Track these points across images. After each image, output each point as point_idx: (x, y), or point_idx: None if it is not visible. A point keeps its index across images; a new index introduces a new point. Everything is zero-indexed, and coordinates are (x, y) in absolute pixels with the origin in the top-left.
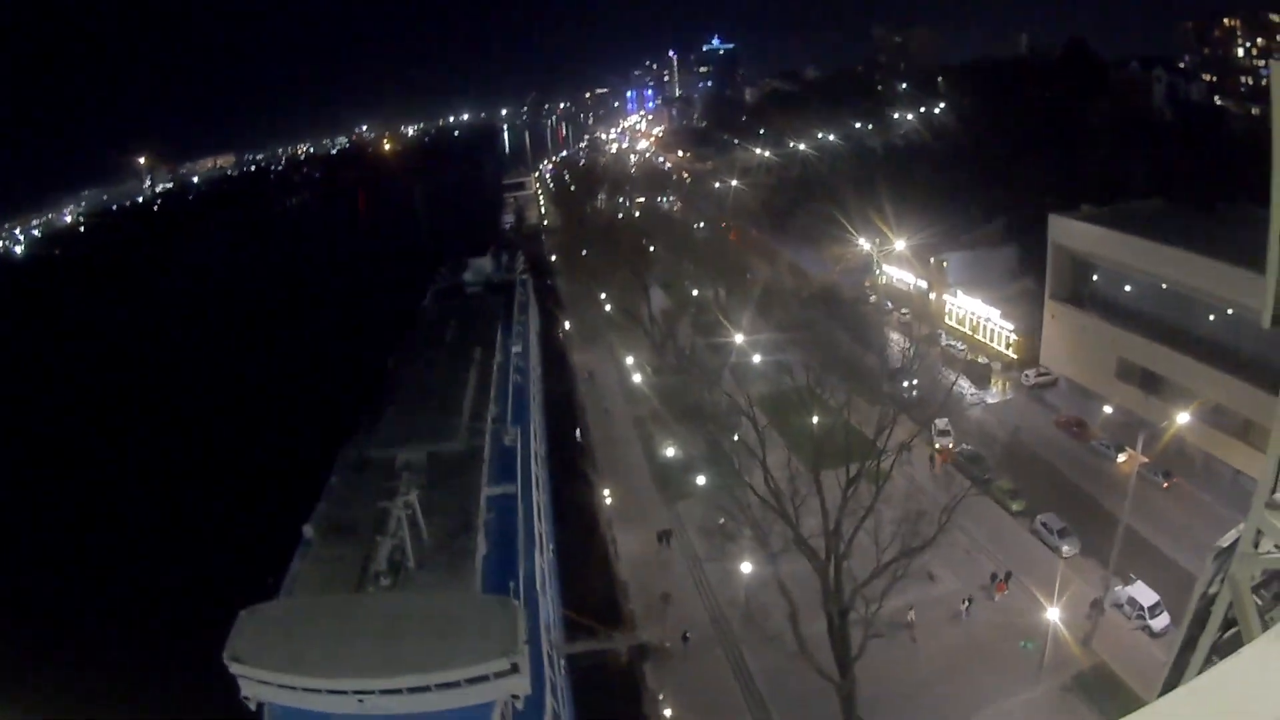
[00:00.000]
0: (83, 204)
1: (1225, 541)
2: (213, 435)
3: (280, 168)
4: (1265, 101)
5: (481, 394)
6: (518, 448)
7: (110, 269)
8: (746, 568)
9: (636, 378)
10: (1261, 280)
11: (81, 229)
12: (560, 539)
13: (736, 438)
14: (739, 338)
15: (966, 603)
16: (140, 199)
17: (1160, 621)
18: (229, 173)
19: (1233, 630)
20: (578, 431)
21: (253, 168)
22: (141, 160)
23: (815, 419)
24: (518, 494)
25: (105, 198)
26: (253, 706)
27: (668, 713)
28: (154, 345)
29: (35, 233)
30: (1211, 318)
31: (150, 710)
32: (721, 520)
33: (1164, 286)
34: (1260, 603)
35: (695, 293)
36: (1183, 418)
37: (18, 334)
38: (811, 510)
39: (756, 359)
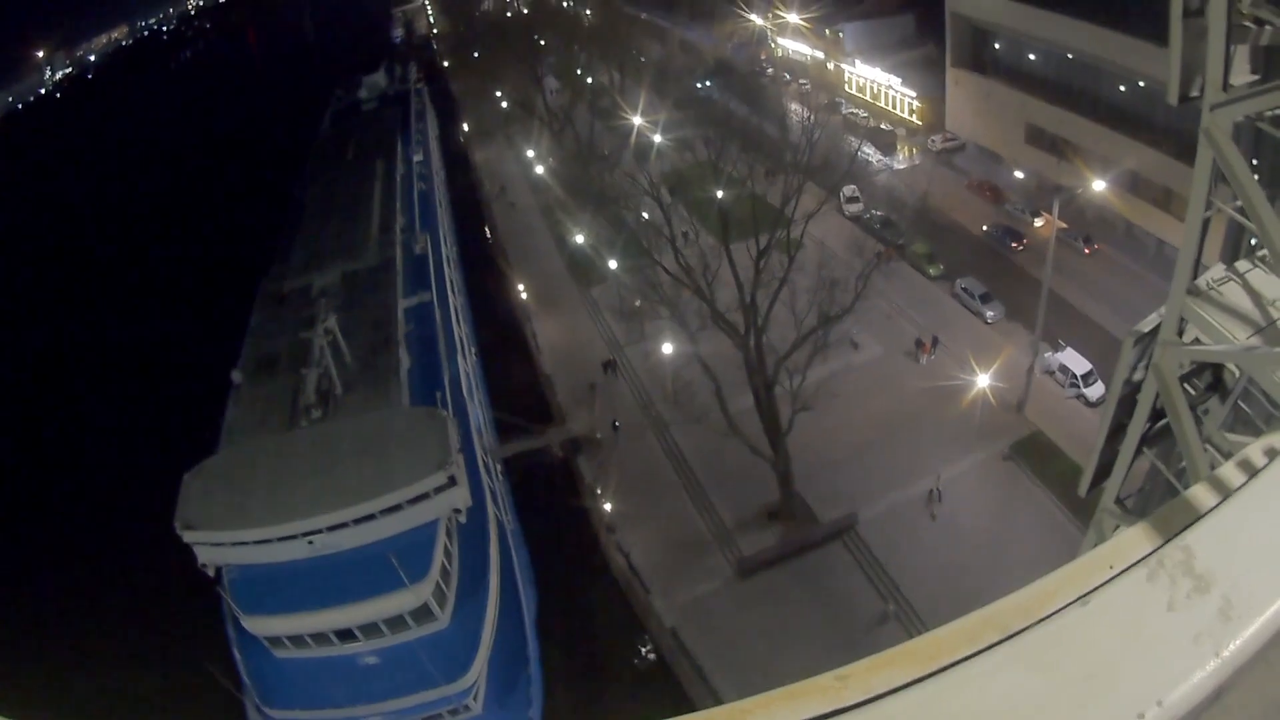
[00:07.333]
0: None
1: (1145, 326)
2: (134, 290)
3: (172, 26)
4: None
5: (387, 206)
6: (429, 254)
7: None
8: (668, 349)
9: (539, 169)
10: (1165, 54)
11: None
12: (481, 340)
13: (646, 216)
14: (637, 119)
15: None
16: (43, 91)
17: (1095, 390)
18: (123, 43)
19: (1163, 422)
20: (486, 229)
21: (146, 33)
22: (40, 54)
23: (720, 192)
24: (434, 301)
25: (10, 99)
26: (211, 573)
27: (608, 506)
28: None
29: None
30: (1122, 88)
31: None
32: (638, 302)
33: (1069, 56)
34: (1192, 392)
35: (589, 80)
36: (1098, 185)
37: None
38: (726, 284)
39: (656, 138)
